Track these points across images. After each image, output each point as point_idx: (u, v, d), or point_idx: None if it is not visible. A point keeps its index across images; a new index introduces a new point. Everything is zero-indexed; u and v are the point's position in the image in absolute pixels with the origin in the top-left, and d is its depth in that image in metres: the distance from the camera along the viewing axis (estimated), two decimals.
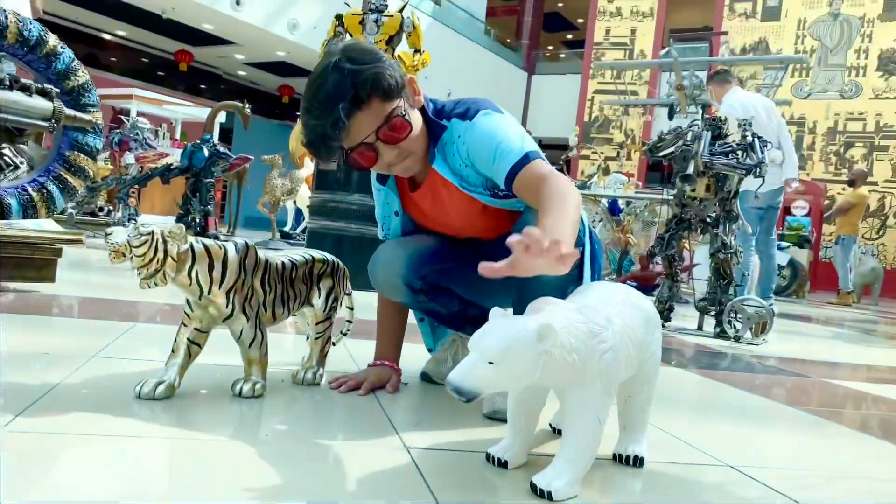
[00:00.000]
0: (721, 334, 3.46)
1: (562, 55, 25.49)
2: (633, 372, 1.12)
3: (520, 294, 1.35)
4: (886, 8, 14.98)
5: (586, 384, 1.00)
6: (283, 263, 1.42)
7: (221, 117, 9.71)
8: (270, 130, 18.22)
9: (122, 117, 10.84)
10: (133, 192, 6.55)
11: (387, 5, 4.07)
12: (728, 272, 3.56)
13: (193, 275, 1.24)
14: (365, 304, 1.74)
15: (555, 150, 19.77)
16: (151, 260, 1.19)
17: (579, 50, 21.50)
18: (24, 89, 2.45)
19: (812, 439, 1.63)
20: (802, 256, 9.72)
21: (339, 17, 4.14)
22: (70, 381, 1.33)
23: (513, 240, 0.91)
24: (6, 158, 5.68)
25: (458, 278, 1.52)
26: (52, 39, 2.74)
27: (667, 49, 8.99)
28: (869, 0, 15.15)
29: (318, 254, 1.53)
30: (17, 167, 2.70)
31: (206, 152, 5.73)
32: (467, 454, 1.16)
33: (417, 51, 4.07)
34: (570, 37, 28.05)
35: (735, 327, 3.40)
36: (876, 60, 14.79)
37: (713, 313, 3.60)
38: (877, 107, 14.56)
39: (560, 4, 25.32)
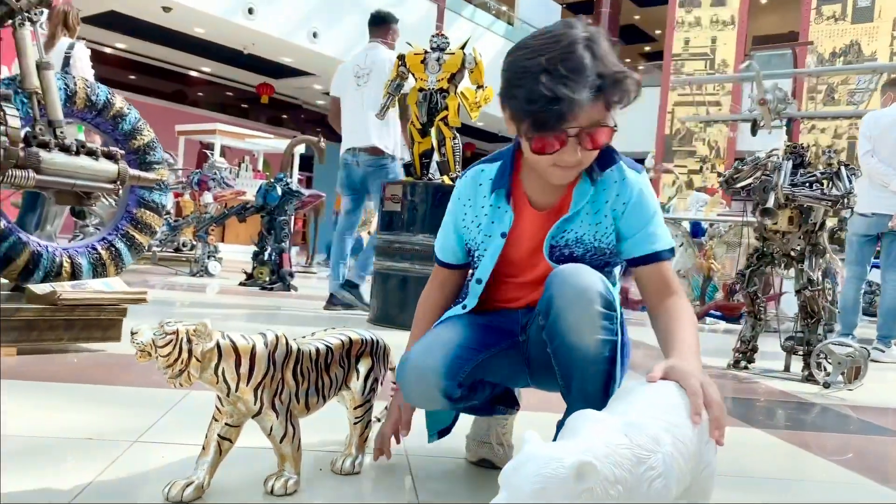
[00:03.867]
0: (810, 378, 3.22)
1: (640, 67, 25.00)
2: (686, 486, 1.00)
3: (563, 379, 1.28)
4: None
5: None
6: (316, 349, 1.36)
7: (302, 148, 9.93)
8: None
9: (207, 151, 11.26)
10: (213, 230, 6.74)
11: (448, 43, 4.03)
12: (816, 310, 3.31)
13: (220, 373, 1.20)
14: None
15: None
16: (176, 360, 1.15)
17: (658, 62, 21.02)
18: (91, 154, 2.52)
19: None
20: None
21: (401, 58, 4.13)
22: (104, 477, 1.31)
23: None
24: (96, 229, 5.83)
25: (488, 368, 1.40)
26: (119, 101, 2.82)
27: (747, 62, 8.61)
28: None
29: (354, 334, 1.46)
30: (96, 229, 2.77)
31: (279, 191, 5.83)
32: None
33: (480, 86, 4.01)
34: (647, 49, 27.50)
35: (825, 371, 3.15)
36: None
37: (801, 354, 3.36)
38: None
39: (636, 17, 24.88)
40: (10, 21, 2.40)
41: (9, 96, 2.24)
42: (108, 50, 16.40)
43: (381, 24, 4.97)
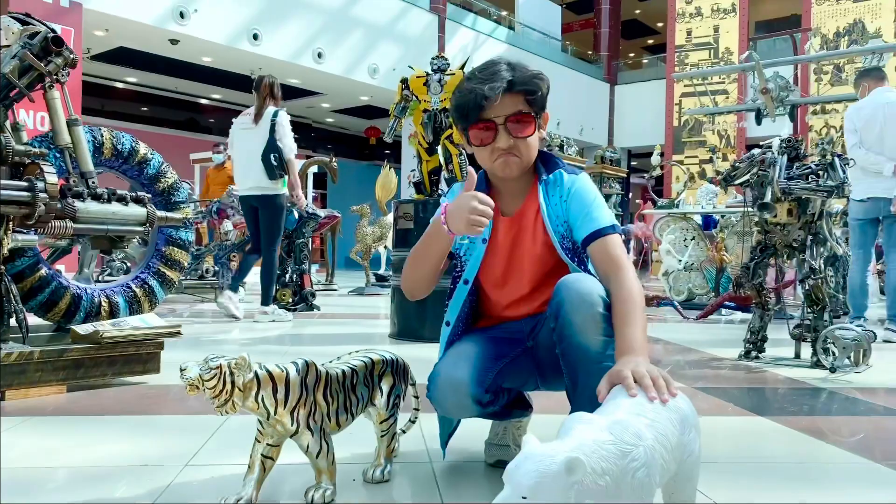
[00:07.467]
0: (818, 364, 3.33)
1: (644, 61, 25.06)
2: (672, 473, 1.14)
3: (570, 377, 1.44)
4: None
5: (621, 501, 1.03)
6: (342, 372, 1.52)
7: (315, 167, 10.16)
8: (360, 172, 18.80)
9: None
10: (234, 257, 6.94)
11: (448, 64, 4.20)
12: (821, 297, 3.42)
13: (260, 399, 1.36)
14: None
15: (644, 158, 19.36)
16: (221, 391, 1.32)
17: (661, 55, 21.07)
18: (121, 200, 2.71)
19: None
20: None
21: (404, 81, 4.30)
22: (164, 499, 1.47)
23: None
24: (123, 263, 6.16)
25: (507, 374, 1.57)
26: (143, 148, 3.01)
27: (747, 52, 8.70)
28: None
29: (376, 355, 1.62)
30: (128, 271, 2.96)
31: (296, 215, 6.02)
32: None
33: None
34: (651, 42, 27.55)
35: (833, 354, 3.26)
36: None
37: (809, 340, 3.47)
38: None
39: (637, 11, 24.95)
40: (40, 84, 2.60)
41: (45, 154, 2.43)
42: (119, 85, 16.77)
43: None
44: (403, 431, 1.75)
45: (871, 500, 1.60)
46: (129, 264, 7.26)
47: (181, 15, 11.75)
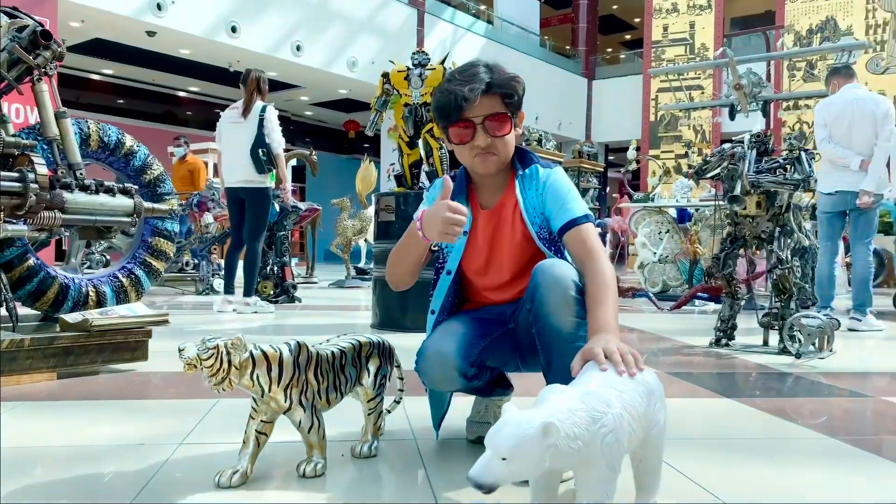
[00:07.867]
0: (784, 350, 3.47)
1: (622, 56, 25.28)
2: (640, 441, 1.24)
3: (545, 356, 1.54)
4: None
5: (592, 464, 1.13)
6: (332, 353, 1.60)
7: (293, 160, 10.18)
8: (339, 165, 18.83)
9: None
10: (215, 249, 6.98)
11: (429, 59, 4.27)
12: (788, 287, 3.56)
13: (255, 378, 1.44)
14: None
15: (621, 152, 19.59)
16: (218, 370, 1.39)
17: (638, 50, 21.30)
18: (109, 191, 2.75)
19: (847, 477, 1.68)
20: (888, 244, 9.36)
21: (385, 75, 4.37)
22: (162, 472, 1.55)
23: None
24: (102, 256, 6.19)
25: (491, 352, 1.67)
26: (129, 140, 3.06)
27: (722, 49, 8.87)
28: None
29: (363, 338, 1.71)
30: (108, 263, 3.00)
31: (276, 208, 6.06)
32: None
33: None
34: (628, 37, 27.77)
35: (799, 341, 3.39)
36: None
37: (776, 328, 3.61)
38: None
39: (614, 7, 25.13)
40: (28, 77, 2.64)
41: (34, 146, 2.48)
42: (95, 77, 16.61)
43: None
44: (389, 411, 1.84)
45: (830, 470, 1.72)
46: (108, 257, 7.26)
47: (158, 7, 11.68)
